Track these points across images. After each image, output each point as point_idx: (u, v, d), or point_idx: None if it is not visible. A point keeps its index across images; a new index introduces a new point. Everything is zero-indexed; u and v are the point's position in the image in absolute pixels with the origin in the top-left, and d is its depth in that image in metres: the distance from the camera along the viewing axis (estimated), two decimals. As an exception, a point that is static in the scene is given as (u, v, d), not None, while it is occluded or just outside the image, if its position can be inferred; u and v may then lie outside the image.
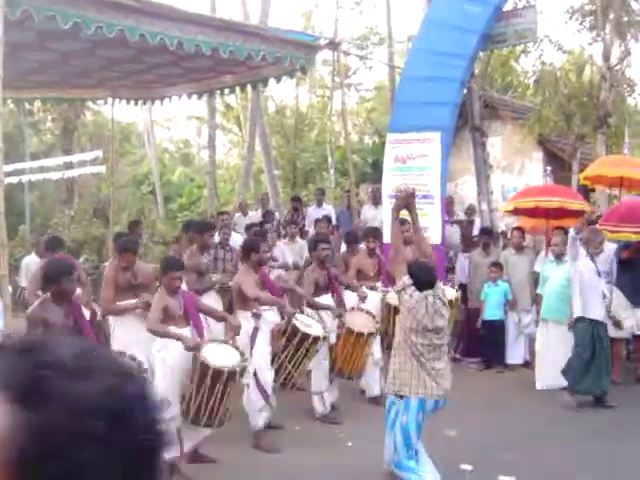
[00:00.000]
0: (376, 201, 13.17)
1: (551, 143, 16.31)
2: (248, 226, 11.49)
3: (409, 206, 6.30)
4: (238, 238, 10.75)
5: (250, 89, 15.06)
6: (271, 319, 7.52)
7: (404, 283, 5.83)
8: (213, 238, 9.06)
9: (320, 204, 14.12)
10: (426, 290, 5.76)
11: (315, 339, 7.50)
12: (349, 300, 8.80)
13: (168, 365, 6.43)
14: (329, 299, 8.43)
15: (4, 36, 7.55)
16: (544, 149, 16.63)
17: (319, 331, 7.61)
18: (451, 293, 8.63)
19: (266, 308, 7.50)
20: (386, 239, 10.73)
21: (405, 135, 11.78)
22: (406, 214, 6.43)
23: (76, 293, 6.59)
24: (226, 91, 14.66)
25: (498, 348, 10.59)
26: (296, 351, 7.51)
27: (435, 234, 11.23)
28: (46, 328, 5.69)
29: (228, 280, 8.59)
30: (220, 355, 6.32)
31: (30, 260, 10.88)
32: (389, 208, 6.70)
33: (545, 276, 9.74)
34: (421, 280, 5.78)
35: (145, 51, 10.26)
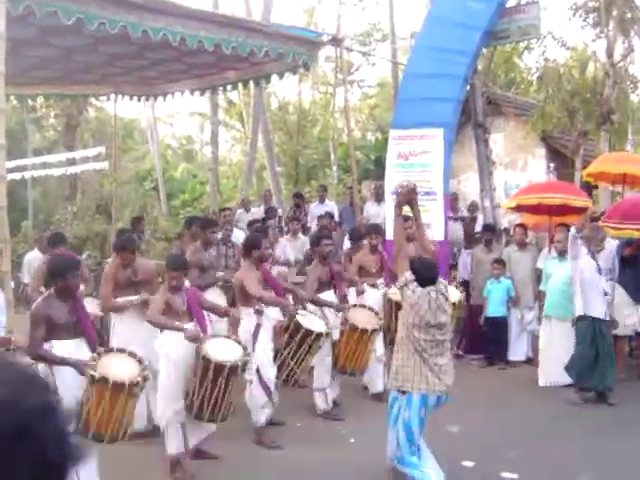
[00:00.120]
0: (379, 198, 13.16)
1: (554, 140, 16.27)
2: (250, 222, 11.51)
3: (411, 202, 6.28)
4: (240, 234, 10.75)
5: (253, 85, 15.06)
6: (273, 315, 7.52)
7: (406, 279, 5.82)
8: (216, 234, 9.06)
9: (322, 201, 14.13)
10: (428, 286, 5.76)
11: (318, 335, 7.50)
12: (352, 297, 8.81)
13: (172, 360, 6.43)
14: (331, 295, 8.43)
15: (6, 32, 7.54)
16: (547, 146, 16.59)
17: (322, 327, 7.61)
18: (455, 294, 8.62)
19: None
20: (389, 236, 10.74)
21: (408, 132, 11.77)
22: (408, 210, 6.42)
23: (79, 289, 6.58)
24: (229, 87, 14.63)
25: (500, 345, 10.58)
26: (299, 347, 7.51)
27: (438, 231, 11.23)
28: (50, 324, 5.68)
29: (230, 276, 8.60)
30: (222, 350, 6.33)
31: (33, 256, 10.88)
32: (392, 205, 6.69)
33: (548, 273, 9.73)
34: (423, 276, 5.78)
35: (148, 47, 10.24)
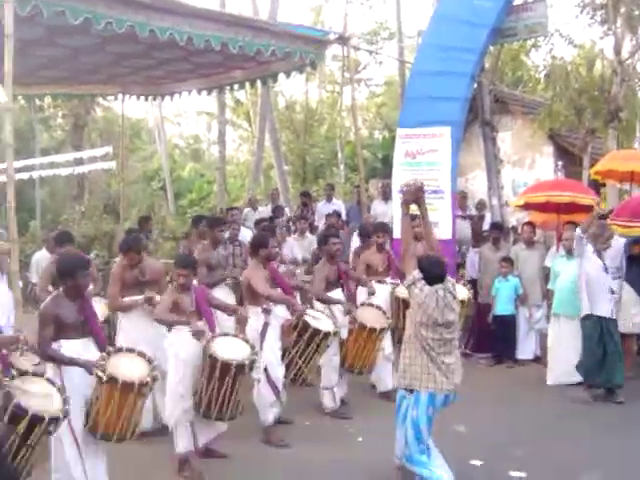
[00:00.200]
0: (386, 196, 13.14)
1: (562, 138, 16.22)
2: (257, 221, 11.50)
3: (418, 201, 6.27)
4: (247, 233, 10.75)
5: (260, 84, 15.05)
6: (281, 314, 7.51)
7: (414, 277, 5.82)
8: (224, 233, 9.06)
9: (330, 199, 14.12)
10: (436, 284, 5.75)
11: (326, 334, 7.49)
12: (360, 295, 8.80)
13: (181, 359, 6.45)
14: (339, 294, 8.42)
15: (14, 32, 7.56)
16: (555, 144, 16.54)
17: (330, 326, 7.60)
18: (463, 292, 8.60)
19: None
20: (396, 234, 10.74)
21: (415, 130, 11.75)
22: (415, 209, 6.41)
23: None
24: (236, 86, 14.64)
25: (508, 343, 10.55)
26: (307, 346, 7.50)
27: (445, 229, 11.21)
28: (58, 324, 5.69)
29: (237, 274, 8.62)
30: (230, 348, 6.34)
31: (41, 256, 10.91)
32: (399, 203, 6.69)
33: (556, 271, 9.69)
34: (431, 274, 5.77)
35: (155, 47, 10.26)
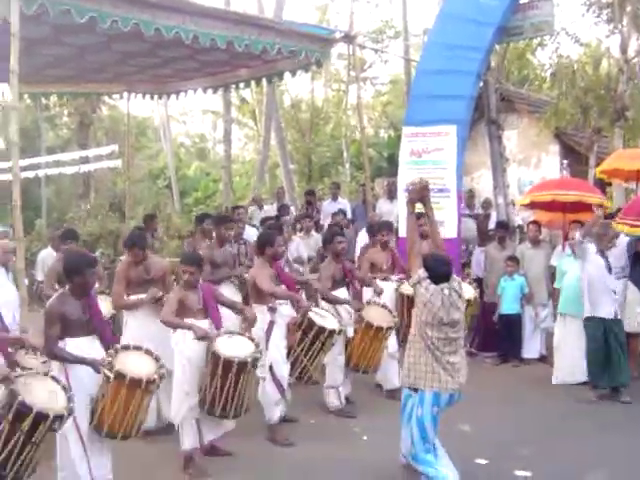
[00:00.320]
0: (391, 195, 13.14)
1: (568, 136, 16.21)
2: (263, 220, 11.50)
3: (424, 199, 6.27)
4: (253, 232, 10.75)
5: (265, 83, 15.06)
6: (287, 313, 7.50)
7: (419, 276, 5.81)
8: (231, 231, 9.03)
9: (335, 198, 14.11)
10: (442, 283, 5.74)
11: (331, 332, 7.48)
12: (366, 294, 8.78)
13: (186, 357, 6.46)
14: (345, 293, 8.41)
15: (20, 31, 7.58)
16: (561, 142, 16.53)
17: (335, 324, 7.59)
18: (469, 292, 8.58)
19: (282, 302, 7.48)
20: (402, 233, 10.72)
21: (421, 129, 11.73)
22: (421, 208, 6.40)
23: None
24: (241, 85, 14.64)
25: (514, 342, 10.53)
26: (312, 345, 7.49)
27: (451, 228, 11.19)
28: (64, 322, 5.69)
29: (242, 272, 8.62)
30: (233, 346, 6.34)
31: (46, 254, 10.92)
32: (405, 202, 6.68)
33: (563, 270, 9.67)
34: (437, 272, 5.76)
35: (160, 45, 10.27)
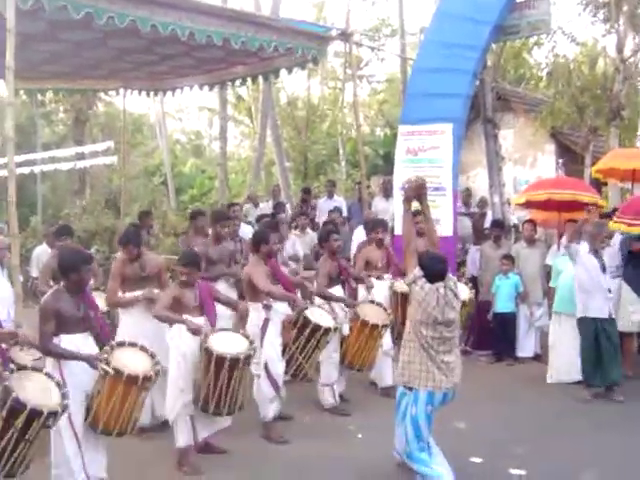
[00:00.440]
0: (387, 193, 13.13)
1: (564, 136, 16.23)
2: (259, 217, 11.49)
3: (420, 197, 6.27)
4: (248, 229, 10.75)
5: (261, 80, 15.02)
6: (282, 310, 7.49)
7: (415, 275, 5.81)
8: (226, 228, 9.00)
9: (331, 196, 14.10)
10: (437, 282, 5.74)
11: (326, 330, 7.48)
12: (362, 292, 8.79)
13: (181, 353, 6.46)
14: (340, 290, 8.42)
15: (16, 26, 7.55)
16: (556, 142, 16.54)
17: (330, 322, 7.59)
18: (465, 292, 8.59)
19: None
20: (397, 231, 10.73)
21: (417, 127, 11.73)
22: (417, 206, 6.40)
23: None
24: (237, 82, 14.59)
25: (509, 341, 10.55)
26: (307, 342, 7.49)
27: (447, 226, 11.19)
28: (59, 318, 5.68)
29: (238, 271, 8.60)
30: (227, 342, 6.33)
31: (41, 250, 10.92)
32: (401, 200, 6.69)
33: (558, 269, 9.68)
34: (432, 271, 5.76)
35: (157, 42, 10.24)
